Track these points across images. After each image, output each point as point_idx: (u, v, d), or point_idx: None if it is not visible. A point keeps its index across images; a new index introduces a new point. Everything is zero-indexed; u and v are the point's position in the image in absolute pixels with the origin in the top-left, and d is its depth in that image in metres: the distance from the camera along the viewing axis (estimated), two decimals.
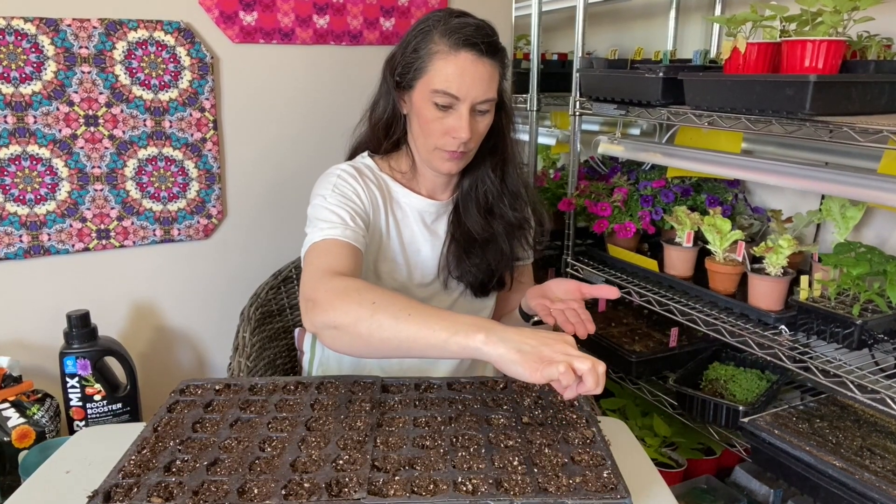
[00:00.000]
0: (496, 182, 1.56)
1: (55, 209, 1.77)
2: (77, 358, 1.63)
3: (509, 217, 1.57)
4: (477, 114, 1.41)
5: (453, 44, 1.36)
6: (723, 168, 1.85)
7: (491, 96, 1.40)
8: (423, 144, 1.46)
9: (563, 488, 0.98)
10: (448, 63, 1.36)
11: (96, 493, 0.97)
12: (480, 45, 1.36)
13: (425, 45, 1.39)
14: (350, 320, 1.13)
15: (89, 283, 1.86)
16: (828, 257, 1.60)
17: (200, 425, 1.16)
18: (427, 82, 1.39)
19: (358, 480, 0.99)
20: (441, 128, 1.40)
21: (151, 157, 1.86)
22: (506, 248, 1.57)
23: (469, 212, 1.56)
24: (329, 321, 1.15)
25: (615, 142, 2.20)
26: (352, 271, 1.29)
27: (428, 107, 1.40)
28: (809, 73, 1.46)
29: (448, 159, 1.44)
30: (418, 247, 1.55)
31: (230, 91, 1.94)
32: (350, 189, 1.46)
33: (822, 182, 1.60)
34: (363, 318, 1.12)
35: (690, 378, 1.94)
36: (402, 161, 1.56)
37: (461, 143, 1.40)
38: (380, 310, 1.11)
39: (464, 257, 1.55)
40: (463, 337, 1.05)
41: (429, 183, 1.56)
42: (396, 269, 1.53)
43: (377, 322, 1.11)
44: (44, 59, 1.69)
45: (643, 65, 1.95)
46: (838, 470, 1.37)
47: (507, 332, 1.05)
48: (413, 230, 1.55)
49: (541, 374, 0.99)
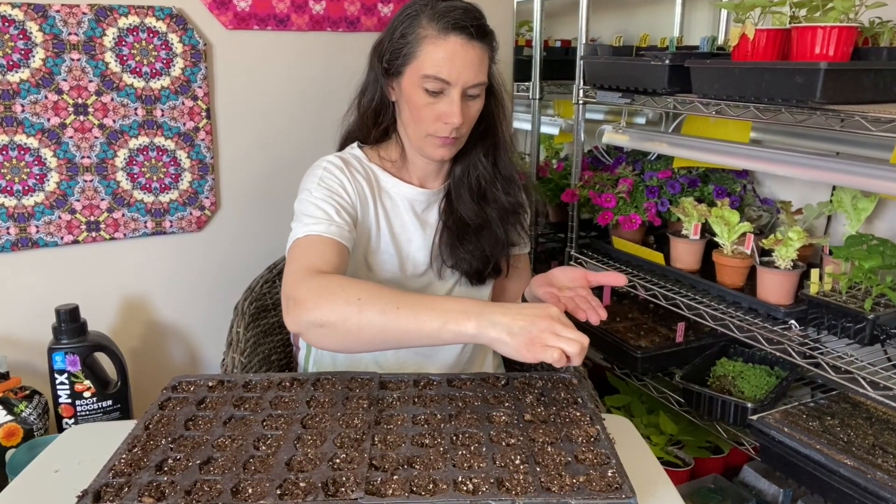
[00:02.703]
0: (488, 167, 1.56)
1: (43, 200, 1.77)
2: (66, 353, 1.62)
3: (503, 202, 1.58)
4: (468, 98, 1.41)
5: (442, 28, 1.36)
6: (731, 158, 1.84)
7: (482, 80, 1.40)
8: (413, 131, 1.46)
9: (567, 488, 0.97)
10: (437, 48, 1.36)
11: (86, 493, 0.97)
12: (470, 28, 1.36)
13: (413, 31, 1.39)
14: (338, 318, 1.15)
15: (79, 276, 1.86)
16: (839, 250, 1.60)
17: (193, 423, 1.16)
18: (416, 68, 1.38)
19: (355, 480, 0.98)
20: (432, 114, 1.40)
21: (143, 146, 1.85)
22: (500, 233, 1.58)
23: (462, 198, 1.56)
24: (315, 320, 1.16)
25: (620, 131, 2.19)
26: (335, 268, 1.29)
27: (418, 93, 1.39)
28: (820, 60, 1.46)
29: (440, 145, 1.44)
30: (409, 237, 1.55)
31: (224, 79, 1.93)
32: (336, 182, 1.46)
33: (833, 172, 1.59)
34: (351, 316, 1.14)
35: (697, 374, 1.94)
36: (392, 150, 1.56)
37: (453, 128, 1.40)
38: (367, 306, 1.14)
39: (457, 244, 1.55)
40: (454, 325, 1.10)
41: (419, 171, 1.56)
42: (388, 260, 1.53)
43: (366, 318, 1.13)
44: (32, 46, 1.69)
45: (649, 52, 1.94)
46: (850, 469, 1.37)
47: (497, 313, 1.10)
48: (403, 220, 1.55)
49: (533, 355, 1.06)
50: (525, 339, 1.07)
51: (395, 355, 1.56)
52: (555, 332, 1.07)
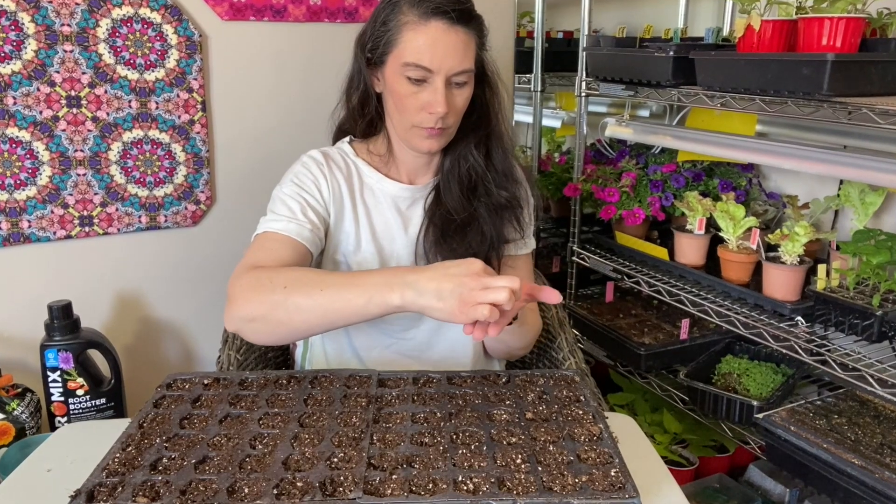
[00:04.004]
0: (480, 158, 1.51)
1: (36, 195, 1.77)
2: (59, 351, 1.62)
3: (495, 196, 1.53)
4: (454, 86, 1.38)
5: (423, 13, 1.33)
6: (736, 151, 1.84)
7: (467, 67, 1.37)
8: (399, 123, 1.43)
9: (569, 487, 0.97)
10: (418, 34, 1.33)
11: (79, 493, 0.96)
12: (451, 12, 1.33)
13: (394, 17, 1.36)
14: (265, 309, 1.18)
15: (71, 272, 1.85)
16: (846, 245, 1.59)
17: (188, 421, 1.15)
18: (398, 56, 1.36)
19: (353, 479, 0.98)
20: (416, 103, 1.37)
21: (137, 139, 1.85)
22: (488, 229, 1.51)
23: (451, 191, 1.51)
24: (245, 315, 1.20)
25: (623, 124, 2.19)
26: (286, 266, 1.30)
27: (401, 82, 1.37)
28: (827, 51, 1.45)
29: (427, 137, 1.41)
30: (392, 235, 1.52)
31: (219, 71, 1.93)
32: (309, 178, 1.45)
33: (840, 166, 1.59)
34: (278, 305, 1.17)
35: (702, 372, 1.94)
36: (380, 144, 1.54)
37: (438, 118, 1.37)
38: (293, 292, 1.17)
39: (441, 241, 1.50)
40: (379, 297, 1.13)
41: (408, 166, 1.53)
42: (369, 259, 1.50)
43: (293, 304, 1.17)
44: (24, 38, 1.68)
45: (653, 43, 1.94)
46: (857, 468, 1.37)
47: (421, 279, 1.11)
48: (386, 217, 1.52)
49: (466, 316, 1.07)
50: (456, 301, 1.08)
51: (396, 352, 1.54)
52: (485, 287, 1.07)
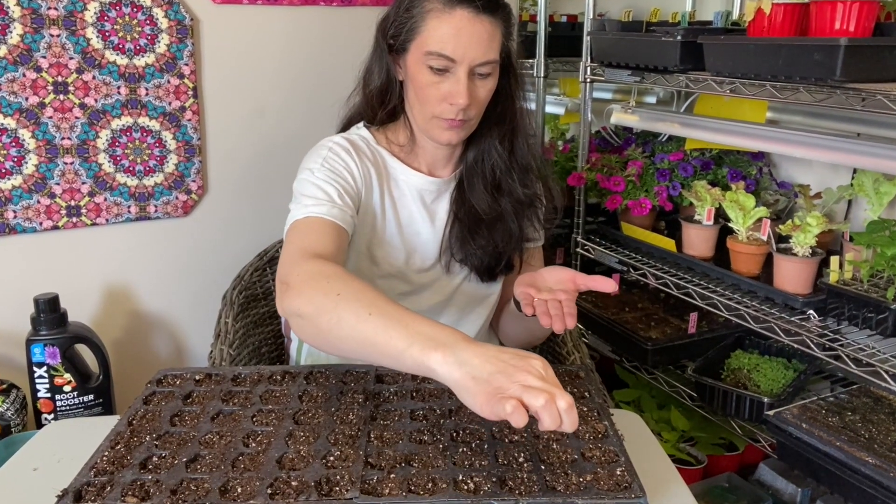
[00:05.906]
0: (504, 155, 1.53)
1: (21, 184, 1.76)
2: (45, 345, 1.62)
3: (518, 193, 1.54)
4: (477, 77, 1.38)
5: (448, 1, 1.34)
6: (746, 139, 1.84)
7: (491, 58, 1.38)
8: (419, 113, 1.44)
9: (573, 487, 0.97)
10: (442, 22, 1.34)
11: (66, 492, 0.96)
12: (477, 0, 1.34)
13: (418, 4, 1.37)
14: (313, 310, 1.11)
15: (58, 264, 1.85)
16: (860, 236, 1.59)
17: (179, 418, 1.15)
18: (421, 44, 1.37)
19: (350, 478, 0.98)
20: (437, 94, 1.38)
21: (126, 127, 1.84)
22: (514, 227, 1.55)
23: (475, 188, 1.53)
24: (295, 309, 1.13)
25: (629, 111, 2.19)
26: (334, 253, 1.28)
27: (423, 71, 1.38)
28: (840, 36, 1.45)
29: (447, 128, 1.42)
30: (417, 228, 1.54)
31: (211, 56, 1.92)
32: (341, 164, 1.44)
33: (853, 154, 1.59)
34: (325, 311, 1.09)
35: (711, 367, 1.94)
36: (400, 133, 1.54)
37: (459, 109, 1.38)
38: (343, 303, 1.08)
39: (468, 238, 1.52)
40: (419, 351, 0.98)
41: (429, 157, 1.54)
42: (393, 253, 1.51)
43: (338, 317, 1.07)
44: (9, 22, 1.67)
45: (660, 27, 1.94)
46: (872, 467, 1.37)
47: (469, 351, 0.96)
48: (411, 210, 1.53)
49: (491, 409, 0.90)
50: (489, 388, 0.91)
51: None
52: (524, 384, 0.90)
